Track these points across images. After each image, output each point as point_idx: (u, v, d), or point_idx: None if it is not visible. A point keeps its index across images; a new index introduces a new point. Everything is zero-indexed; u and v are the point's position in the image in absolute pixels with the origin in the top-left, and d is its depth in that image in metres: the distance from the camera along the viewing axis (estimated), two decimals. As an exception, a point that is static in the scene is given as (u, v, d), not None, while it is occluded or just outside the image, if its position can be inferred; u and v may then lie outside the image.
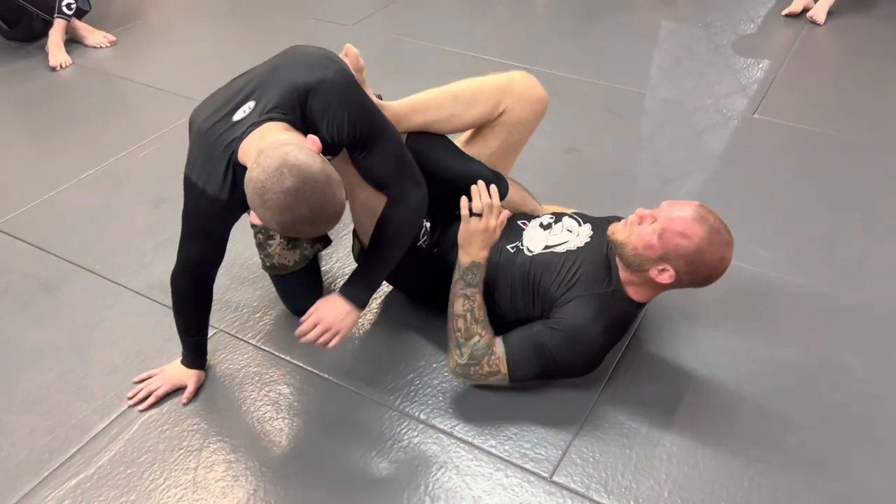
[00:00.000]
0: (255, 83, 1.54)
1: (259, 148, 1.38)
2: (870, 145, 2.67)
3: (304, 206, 1.33)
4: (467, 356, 1.69)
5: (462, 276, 1.72)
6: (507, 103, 1.91)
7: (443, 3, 3.91)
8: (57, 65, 3.27)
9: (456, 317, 1.71)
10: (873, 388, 1.79)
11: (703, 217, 1.60)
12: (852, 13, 3.63)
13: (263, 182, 1.32)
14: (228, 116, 1.50)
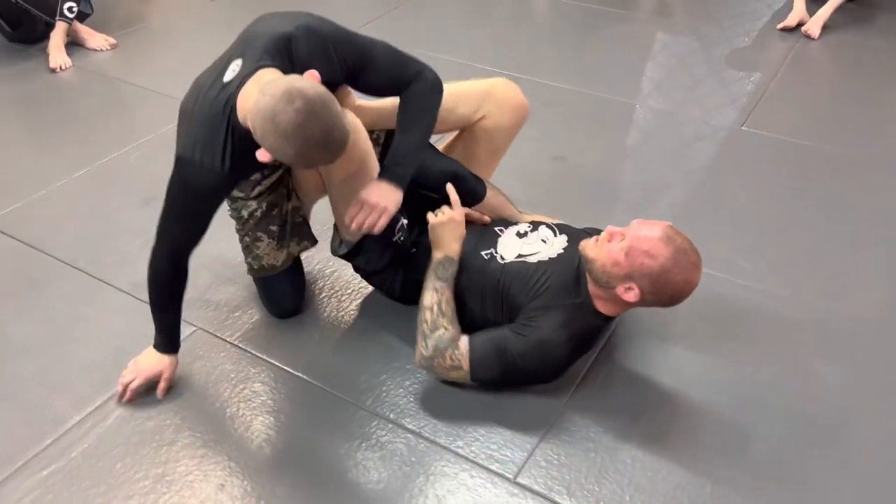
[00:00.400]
0: (236, 46, 1.59)
1: (260, 87, 1.41)
2: (857, 159, 2.68)
3: (315, 126, 1.35)
4: (431, 348, 1.71)
5: (434, 269, 1.77)
6: (488, 109, 1.94)
7: (442, 10, 3.95)
8: (57, 66, 3.33)
9: (424, 309, 1.74)
10: (843, 400, 1.80)
11: (670, 238, 1.61)
12: (848, 28, 3.64)
13: (273, 106, 1.34)
14: (219, 80, 1.53)
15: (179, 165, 1.58)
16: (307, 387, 1.85)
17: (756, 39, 3.61)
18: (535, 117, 2.94)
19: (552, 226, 1.94)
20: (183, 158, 1.57)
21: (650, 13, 3.92)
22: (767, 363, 1.90)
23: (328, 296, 2.11)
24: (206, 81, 1.57)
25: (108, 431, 1.74)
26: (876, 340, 1.96)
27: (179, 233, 1.67)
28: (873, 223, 2.37)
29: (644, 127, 2.91)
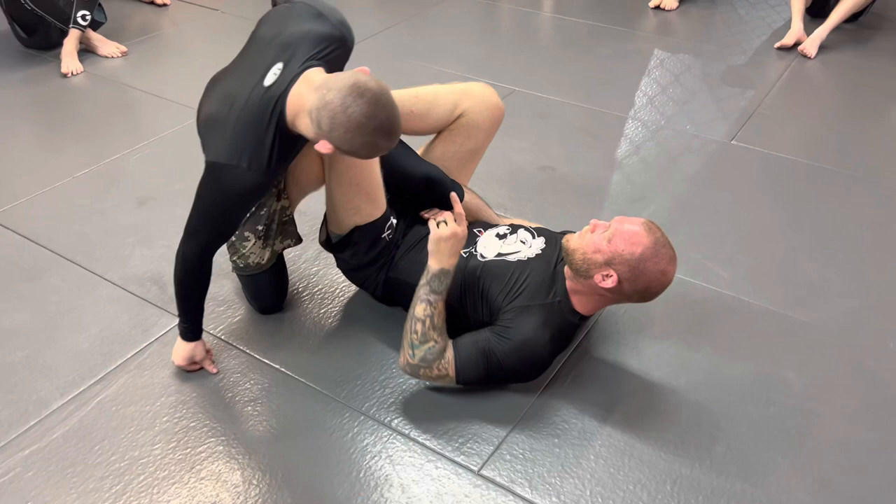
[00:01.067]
0: (270, 50, 1.63)
1: (315, 85, 1.51)
2: (840, 174, 2.71)
3: (383, 115, 1.48)
4: (419, 358, 1.74)
5: (429, 281, 1.76)
6: (465, 106, 2.01)
7: (443, 26, 4.03)
8: (68, 72, 3.44)
9: (415, 319, 1.75)
10: (808, 405, 1.83)
11: (651, 229, 1.69)
12: (845, 48, 3.68)
13: (344, 98, 1.45)
14: (259, 84, 1.58)
15: (219, 171, 1.61)
16: (284, 378, 1.90)
17: (753, 57, 3.65)
18: (529, 128, 3.02)
19: (531, 229, 1.99)
20: (223, 165, 1.59)
21: (651, 31, 3.98)
22: (737, 368, 1.93)
23: (311, 294, 2.17)
24: (241, 88, 1.60)
25: (88, 415, 1.80)
26: (842, 348, 1.98)
27: (213, 235, 1.73)
28: (848, 236, 2.40)
29: (634, 139, 2.96)
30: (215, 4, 4.32)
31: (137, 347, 1.98)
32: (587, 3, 4.30)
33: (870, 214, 2.50)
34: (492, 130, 2.07)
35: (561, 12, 4.20)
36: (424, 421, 1.78)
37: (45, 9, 3.45)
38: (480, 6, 4.34)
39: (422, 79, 3.41)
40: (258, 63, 1.63)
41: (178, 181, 2.62)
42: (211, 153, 1.62)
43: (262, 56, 1.64)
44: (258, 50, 1.67)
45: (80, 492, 1.62)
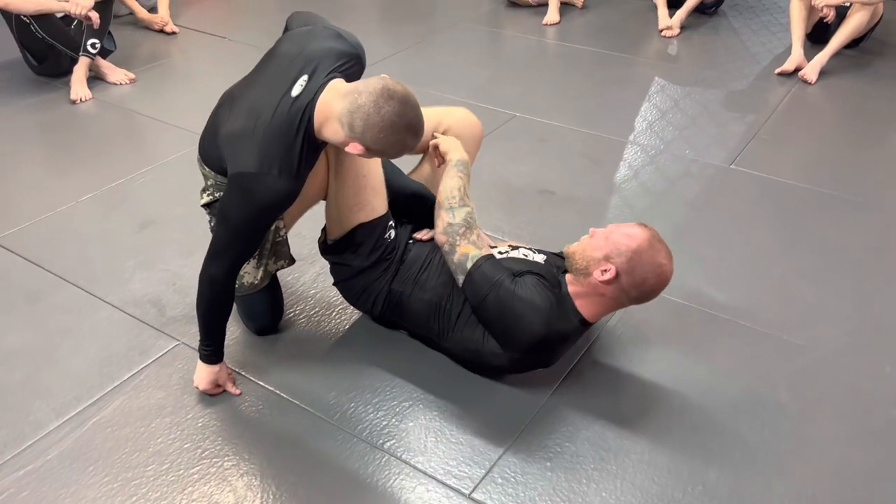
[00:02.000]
0: (294, 65, 1.69)
1: (343, 92, 1.60)
2: (839, 199, 2.71)
3: (412, 114, 1.59)
4: (461, 218, 1.81)
5: (455, 164, 1.88)
6: (448, 123, 2.06)
7: (448, 52, 4.09)
8: (77, 98, 3.51)
9: (451, 187, 1.83)
10: (803, 428, 1.82)
11: (647, 227, 1.79)
12: (845, 74, 3.70)
13: (376, 100, 1.55)
14: (287, 95, 1.64)
15: (248, 181, 1.64)
16: (278, 400, 1.91)
17: (753, 83, 3.67)
18: (529, 153, 3.05)
19: (530, 248, 2.02)
20: (254, 174, 1.62)
21: (652, 57, 4.01)
22: (732, 390, 1.92)
23: (308, 316, 2.18)
24: (268, 100, 1.66)
25: (84, 436, 1.81)
26: (838, 372, 1.97)
27: (245, 249, 1.76)
28: (845, 260, 2.39)
29: (633, 164, 2.98)
30: (223, 33, 4.39)
31: (135, 369, 2.00)
32: (590, 30, 4.35)
33: (867, 239, 2.50)
34: (474, 148, 2.13)
35: (564, 39, 4.25)
36: (417, 443, 1.78)
37: (55, 37, 3.53)
38: (485, 33, 4.39)
39: (425, 103, 3.45)
40: (283, 76, 1.69)
41: (180, 206, 2.66)
42: (239, 164, 1.65)
43: (286, 70, 1.71)
44: (281, 64, 1.73)
45: (73, 512, 1.63)
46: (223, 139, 1.73)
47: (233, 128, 1.70)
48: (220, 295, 1.79)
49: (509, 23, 4.51)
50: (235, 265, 1.76)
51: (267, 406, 1.89)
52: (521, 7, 4.69)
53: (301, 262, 2.31)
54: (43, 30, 3.48)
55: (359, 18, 4.65)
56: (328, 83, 1.65)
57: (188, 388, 1.94)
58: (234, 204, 1.68)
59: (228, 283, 1.77)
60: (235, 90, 1.83)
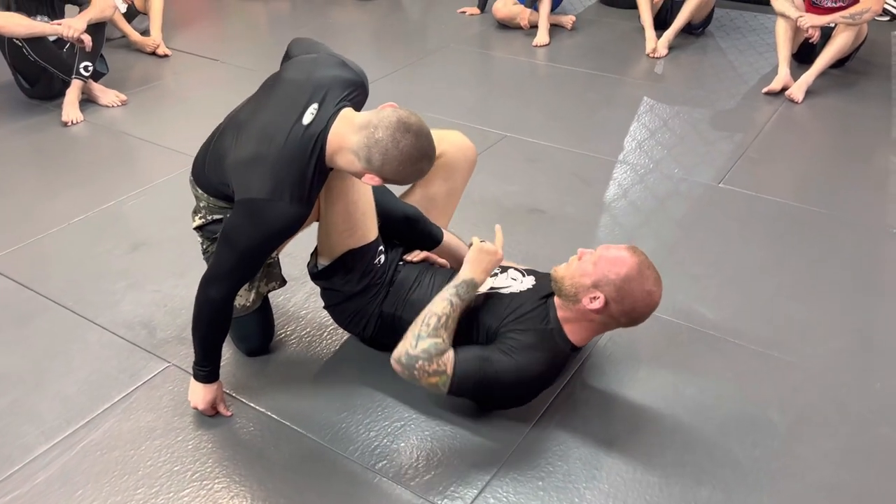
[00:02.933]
0: (303, 92, 1.71)
1: (357, 125, 1.63)
2: (827, 216, 2.74)
3: (426, 142, 1.62)
4: (421, 349, 1.72)
5: (457, 286, 1.81)
6: (443, 148, 2.07)
7: (440, 74, 4.12)
8: (69, 120, 3.52)
9: (431, 313, 1.77)
10: (794, 446, 1.82)
11: (635, 252, 1.77)
12: (831, 93, 3.74)
13: (393, 133, 1.58)
14: (298, 123, 1.66)
15: (261, 208, 1.64)
16: (268, 421, 1.90)
17: (741, 102, 3.71)
18: (519, 172, 3.07)
19: (520, 269, 2.02)
20: (266, 200, 1.63)
21: (641, 78, 4.06)
22: (722, 408, 1.92)
23: (299, 337, 2.18)
24: (279, 126, 1.67)
25: (72, 460, 1.80)
26: (827, 389, 1.98)
27: (248, 273, 1.77)
28: (832, 277, 2.41)
29: (622, 183, 3.00)
30: (215, 55, 4.42)
31: (125, 391, 1.99)
32: (579, 51, 4.40)
33: (855, 256, 2.52)
34: (468, 172, 2.16)
35: (553, 60, 4.29)
36: (409, 464, 1.78)
37: (48, 60, 3.54)
38: (476, 55, 4.44)
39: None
40: (293, 103, 1.71)
41: (172, 227, 2.66)
42: (251, 190, 1.65)
43: (295, 97, 1.72)
44: (289, 91, 1.74)
45: (61, 537, 1.62)
46: (231, 166, 1.73)
47: (243, 154, 1.71)
48: (218, 316, 1.79)
49: (500, 44, 4.56)
50: (236, 288, 1.77)
51: (258, 428, 1.88)
52: (512, 29, 4.74)
53: (292, 283, 2.31)
54: (35, 53, 3.49)
55: (351, 40, 4.68)
56: (339, 112, 1.67)
57: (179, 410, 1.93)
58: (243, 229, 1.69)
59: (227, 305, 1.78)
60: (241, 115, 1.82)
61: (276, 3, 5.47)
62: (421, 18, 5.18)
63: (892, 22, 4.70)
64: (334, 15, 5.15)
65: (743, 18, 4.85)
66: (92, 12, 3.51)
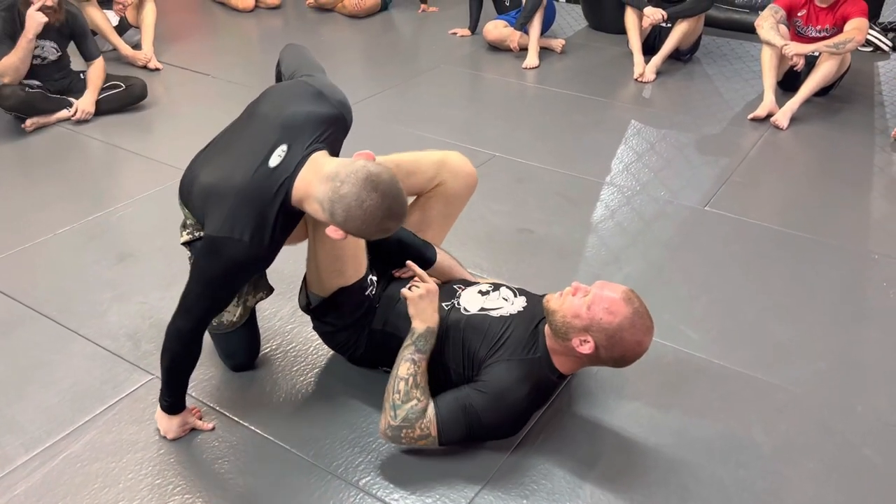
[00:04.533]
0: (273, 130, 1.66)
1: (325, 174, 1.57)
2: (810, 240, 2.77)
3: (395, 202, 1.56)
4: (401, 418, 1.73)
5: (414, 341, 1.79)
6: (444, 177, 2.07)
7: (431, 94, 4.14)
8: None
9: (399, 379, 1.75)
10: (778, 466, 1.83)
11: (630, 299, 1.72)
12: (815, 120, 3.80)
13: (358, 192, 1.52)
14: (264, 164, 1.61)
15: (220, 244, 1.62)
16: (252, 436, 1.89)
17: (727, 127, 3.76)
18: (507, 192, 3.09)
19: (512, 287, 2.02)
20: (225, 238, 1.61)
21: (629, 102, 4.10)
22: (707, 429, 1.93)
23: (285, 352, 2.17)
24: (244, 165, 1.63)
25: (53, 471, 1.78)
26: (811, 411, 2.00)
27: (213, 306, 1.75)
28: (816, 301, 2.44)
29: (609, 204, 3.02)
30: (206, 70, 4.43)
31: (107, 403, 1.98)
32: (568, 75, 4.44)
33: (838, 280, 2.55)
34: (467, 197, 2.16)
35: (543, 83, 4.33)
36: (393, 481, 1.77)
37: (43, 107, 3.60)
38: (466, 75, 4.47)
39: (406, 142, 3.50)
40: (262, 142, 1.66)
41: (159, 238, 2.65)
42: (212, 227, 1.63)
43: (264, 134, 1.67)
44: (260, 128, 1.71)
45: (39, 550, 1.59)
46: (198, 191, 1.73)
47: (208, 183, 1.69)
48: (187, 348, 1.77)
49: (490, 66, 4.60)
50: (204, 320, 1.75)
51: (241, 442, 1.87)
52: (502, 51, 4.79)
53: (278, 297, 2.31)
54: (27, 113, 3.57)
55: (343, 58, 4.71)
56: (308, 157, 1.62)
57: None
58: (206, 263, 1.68)
59: (195, 337, 1.75)
60: (219, 143, 1.81)
61: (268, 19, 5.50)
62: (413, 38, 5.22)
63: (874, 53, 4.79)
64: (326, 33, 5.18)
65: (729, 46, 4.93)
66: (95, 86, 3.71)
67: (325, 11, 5.62)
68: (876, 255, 2.69)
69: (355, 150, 1.64)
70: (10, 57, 3.37)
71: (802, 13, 3.82)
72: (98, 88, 3.72)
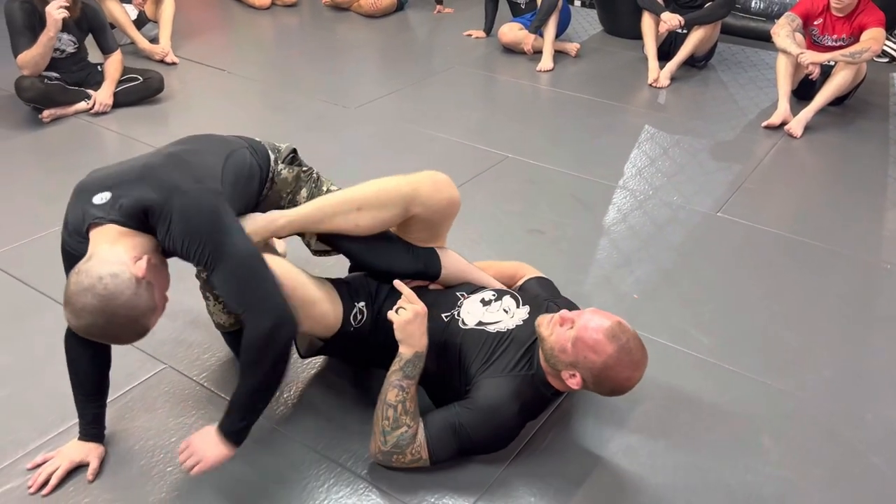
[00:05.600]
0: (120, 177, 1.61)
1: (91, 251, 1.51)
2: (822, 249, 2.77)
3: (96, 329, 1.47)
4: (391, 444, 1.72)
5: (402, 367, 1.74)
6: (415, 210, 1.86)
7: (444, 94, 4.16)
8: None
9: (387, 405, 1.72)
10: (785, 472, 1.83)
11: (615, 336, 1.66)
12: (829, 129, 3.80)
13: (73, 293, 1.45)
14: (91, 196, 1.60)
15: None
16: (261, 426, 1.90)
17: (741, 134, 3.76)
18: (519, 193, 3.10)
19: (517, 296, 1.97)
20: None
21: (643, 106, 4.11)
22: (714, 434, 1.94)
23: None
24: (97, 183, 1.64)
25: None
26: (819, 418, 2.00)
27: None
28: (826, 309, 2.44)
29: (622, 208, 3.03)
30: (222, 65, 4.46)
31: (120, 391, 1.99)
32: (583, 78, 4.45)
33: (849, 289, 2.55)
34: (450, 219, 1.96)
35: (557, 86, 4.34)
36: (402, 475, 1.78)
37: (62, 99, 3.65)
38: (479, 77, 4.49)
39: (418, 141, 3.52)
40: (109, 180, 1.64)
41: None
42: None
43: (118, 174, 1.64)
44: (127, 166, 1.67)
45: (50, 533, 1.62)
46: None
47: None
48: (70, 351, 1.74)
49: (504, 68, 4.61)
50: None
51: (251, 434, 1.88)
52: (516, 54, 4.80)
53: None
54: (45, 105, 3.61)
55: (357, 57, 4.74)
56: (104, 224, 1.55)
57: (174, 412, 1.94)
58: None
59: (75, 339, 1.71)
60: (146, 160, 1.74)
61: (284, 17, 5.53)
62: (427, 39, 5.24)
63: (890, 63, 4.78)
64: (342, 31, 5.21)
65: (745, 53, 4.92)
66: (112, 79, 3.75)
67: (340, 10, 5.65)
68: (888, 265, 2.69)
69: (370, 148, 1.64)
70: (31, 51, 3.41)
71: (819, 22, 3.82)
72: (115, 81, 3.76)
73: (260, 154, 1.88)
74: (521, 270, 2.19)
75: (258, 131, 2.10)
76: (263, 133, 1.80)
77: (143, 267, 1.49)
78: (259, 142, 1.94)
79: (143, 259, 1.50)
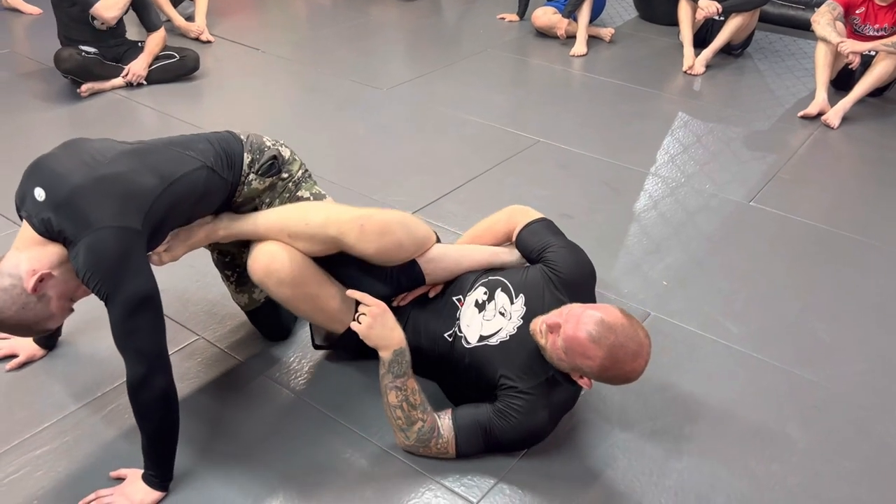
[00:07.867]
0: (58, 185, 1.55)
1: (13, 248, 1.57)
2: (856, 241, 2.73)
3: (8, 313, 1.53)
4: (414, 439, 1.73)
5: (389, 370, 1.71)
6: (349, 250, 1.77)
7: (476, 77, 4.15)
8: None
9: (392, 408, 1.73)
10: (812, 463, 1.82)
11: (600, 338, 1.60)
12: (867, 121, 3.73)
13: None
14: (35, 185, 1.56)
15: None
16: (288, 396, 1.94)
17: (776, 124, 3.71)
18: (550, 177, 3.10)
19: (509, 288, 1.87)
20: None
21: (676, 93, 4.07)
22: (741, 421, 1.93)
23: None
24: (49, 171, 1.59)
25: (102, 421, 1.84)
26: (848, 410, 1.98)
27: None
28: (860, 302, 2.41)
29: (653, 194, 3.01)
30: (256, 44, 4.49)
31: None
32: (616, 64, 4.41)
33: (883, 282, 2.51)
34: (399, 258, 1.82)
35: (590, 71, 4.31)
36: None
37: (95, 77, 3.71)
38: (512, 61, 4.47)
39: (449, 125, 3.52)
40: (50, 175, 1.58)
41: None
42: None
43: (58, 175, 1.57)
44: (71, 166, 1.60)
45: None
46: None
47: None
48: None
49: (536, 52, 4.59)
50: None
51: (278, 403, 1.92)
52: (549, 38, 4.77)
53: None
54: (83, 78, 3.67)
55: (387, 40, 4.74)
56: (24, 226, 1.58)
57: (204, 382, 1.98)
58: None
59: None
60: None
61: (318, -2, 5.54)
62: (460, 22, 5.22)
63: (933, 55, 4.67)
64: (374, 13, 5.21)
65: (783, 42, 4.84)
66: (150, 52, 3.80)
67: (374, -9, 5.64)
68: (924, 259, 2.65)
69: (402, 130, 1.63)
70: None
71: (861, 11, 3.75)
72: (153, 55, 3.79)
73: (227, 167, 1.79)
74: (510, 224, 2.03)
75: (291, 111, 2.13)
76: (297, 112, 1.81)
77: (32, 284, 1.52)
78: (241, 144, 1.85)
79: (36, 276, 1.52)
